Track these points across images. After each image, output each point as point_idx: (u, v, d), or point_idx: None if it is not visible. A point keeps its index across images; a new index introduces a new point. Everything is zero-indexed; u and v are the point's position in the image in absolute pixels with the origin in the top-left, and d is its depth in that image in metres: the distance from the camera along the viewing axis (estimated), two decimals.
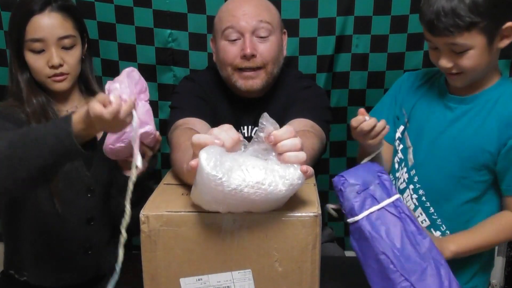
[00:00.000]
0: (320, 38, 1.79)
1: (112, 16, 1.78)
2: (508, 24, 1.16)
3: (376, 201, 1.02)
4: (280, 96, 1.48)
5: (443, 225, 1.31)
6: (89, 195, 1.39)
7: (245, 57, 1.36)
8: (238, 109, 1.49)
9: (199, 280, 0.94)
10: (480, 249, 1.25)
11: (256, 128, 1.46)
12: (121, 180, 1.25)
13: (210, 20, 1.77)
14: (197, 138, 0.86)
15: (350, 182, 1.04)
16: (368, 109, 1.84)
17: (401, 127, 1.39)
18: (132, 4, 1.76)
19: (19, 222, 1.40)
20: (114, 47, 1.82)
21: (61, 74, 1.34)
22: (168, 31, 1.79)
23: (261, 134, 0.89)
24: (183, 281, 0.94)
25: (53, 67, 1.32)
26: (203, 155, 0.82)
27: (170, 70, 1.85)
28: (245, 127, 1.49)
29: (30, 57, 1.32)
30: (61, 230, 1.39)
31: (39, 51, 1.31)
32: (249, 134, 1.49)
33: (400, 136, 1.40)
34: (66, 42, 1.33)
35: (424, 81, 1.41)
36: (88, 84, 1.45)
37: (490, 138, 1.22)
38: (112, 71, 1.85)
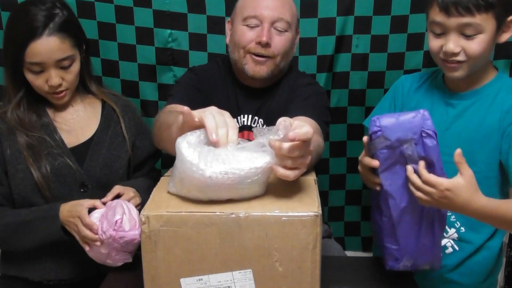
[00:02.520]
0: (320, 38, 1.79)
1: (112, 16, 1.78)
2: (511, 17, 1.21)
3: (403, 162, 1.04)
4: (283, 90, 1.53)
5: (457, 222, 1.32)
6: (82, 190, 1.40)
7: (260, 44, 1.42)
8: (241, 98, 1.53)
9: (199, 280, 0.94)
10: (498, 218, 1.12)
11: (256, 117, 1.51)
12: None
13: (210, 20, 1.78)
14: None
15: (384, 135, 1.02)
16: (368, 109, 1.85)
17: None
18: (132, 4, 1.76)
19: None
20: (114, 47, 1.82)
21: (60, 91, 1.38)
22: (168, 31, 1.79)
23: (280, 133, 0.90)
24: (183, 281, 0.94)
25: (52, 87, 1.35)
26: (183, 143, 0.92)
27: (170, 70, 1.85)
28: (245, 116, 1.52)
29: (30, 76, 1.35)
30: None
31: (38, 72, 1.34)
32: (249, 123, 1.52)
33: None
34: (65, 62, 1.35)
35: (422, 83, 1.42)
36: (85, 84, 1.46)
37: (493, 129, 1.24)
38: (112, 71, 1.85)
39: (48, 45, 1.31)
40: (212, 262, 0.93)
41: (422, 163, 1.04)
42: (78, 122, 1.45)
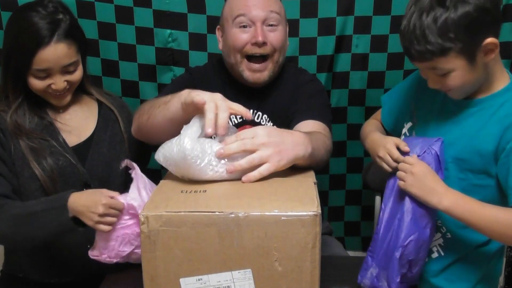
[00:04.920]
0: (320, 38, 1.80)
1: (112, 16, 1.78)
2: (488, 40, 1.10)
3: None
4: (284, 85, 1.53)
5: (444, 227, 1.30)
6: (85, 190, 1.40)
7: (256, 44, 1.42)
8: (241, 95, 1.52)
9: (199, 280, 0.94)
10: (470, 222, 1.15)
11: (259, 113, 1.51)
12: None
13: (210, 20, 1.78)
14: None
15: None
16: (368, 109, 1.85)
17: (409, 124, 1.36)
18: (132, 4, 1.76)
19: None
20: (114, 47, 1.82)
21: (62, 93, 1.38)
22: (168, 31, 1.79)
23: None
24: (183, 281, 0.94)
25: (56, 90, 1.35)
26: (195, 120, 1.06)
27: (170, 70, 1.85)
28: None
29: (34, 81, 1.34)
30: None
31: (43, 77, 1.33)
32: (251, 118, 1.50)
33: (407, 133, 1.38)
34: (71, 68, 1.36)
35: None
36: (82, 83, 1.46)
37: (488, 141, 1.19)
38: (112, 71, 1.85)
39: (56, 52, 1.31)
40: (211, 262, 0.93)
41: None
42: (76, 122, 1.46)
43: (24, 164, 1.36)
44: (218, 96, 1.10)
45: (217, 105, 1.07)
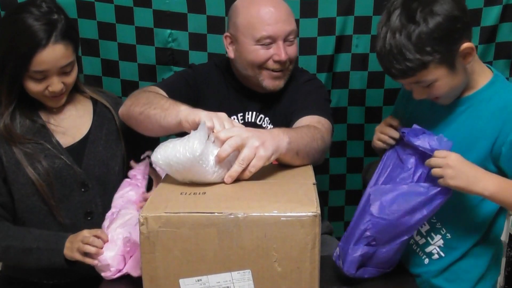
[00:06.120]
0: (320, 38, 1.79)
1: (112, 16, 1.78)
2: (464, 45, 1.13)
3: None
4: (286, 88, 1.53)
5: (443, 229, 1.30)
6: (83, 190, 1.41)
7: (279, 62, 1.43)
8: (245, 98, 1.54)
9: (198, 281, 0.94)
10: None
11: (261, 115, 1.53)
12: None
13: (210, 20, 1.78)
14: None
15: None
16: (368, 109, 1.85)
17: None
18: (132, 4, 1.76)
19: (14, 223, 1.41)
20: (114, 47, 1.82)
21: (59, 94, 1.38)
22: (168, 31, 1.79)
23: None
24: (182, 282, 0.94)
25: (53, 92, 1.34)
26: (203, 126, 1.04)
27: (170, 70, 1.84)
28: (250, 113, 1.53)
29: (30, 84, 1.33)
30: (59, 227, 1.40)
31: (40, 79, 1.32)
32: (253, 120, 1.53)
33: None
34: (67, 68, 1.35)
35: None
36: (75, 83, 1.45)
37: (485, 136, 1.20)
38: (112, 71, 1.85)
39: (54, 54, 1.29)
40: (211, 262, 0.93)
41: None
42: (71, 122, 1.45)
43: (19, 170, 1.36)
44: (223, 115, 1.13)
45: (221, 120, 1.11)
